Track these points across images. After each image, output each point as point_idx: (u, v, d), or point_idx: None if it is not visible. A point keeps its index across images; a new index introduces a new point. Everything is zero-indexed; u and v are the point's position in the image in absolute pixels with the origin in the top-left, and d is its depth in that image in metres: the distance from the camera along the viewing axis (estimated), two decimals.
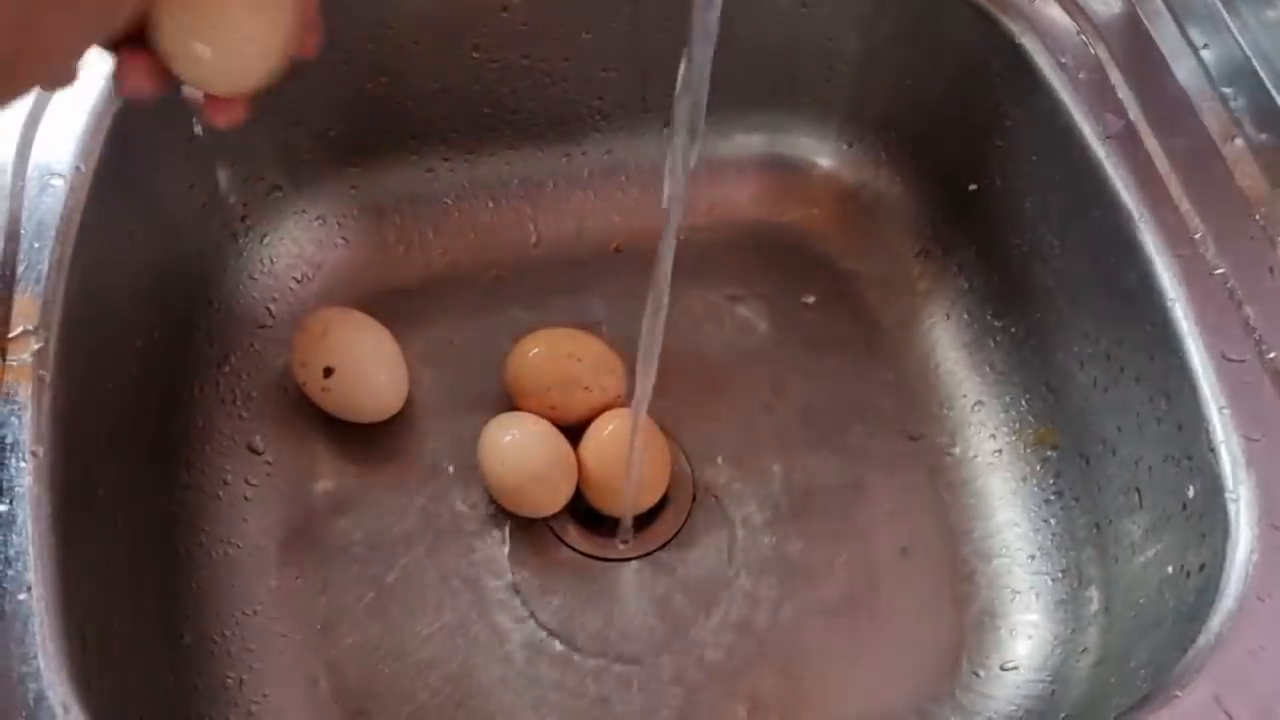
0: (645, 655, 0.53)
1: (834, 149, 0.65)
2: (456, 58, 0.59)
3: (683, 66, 0.36)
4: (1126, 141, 0.50)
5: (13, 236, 0.44)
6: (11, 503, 0.38)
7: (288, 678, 0.51)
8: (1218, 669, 0.38)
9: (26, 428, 0.39)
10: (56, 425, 0.40)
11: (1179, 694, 0.37)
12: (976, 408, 0.59)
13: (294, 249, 0.61)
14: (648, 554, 0.56)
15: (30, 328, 0.42)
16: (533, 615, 0.53)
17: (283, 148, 0.60)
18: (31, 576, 0.36)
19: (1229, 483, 0.42)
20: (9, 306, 0.42)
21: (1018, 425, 0.58)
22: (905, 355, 0.62)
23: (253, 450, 0.56)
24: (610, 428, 0.56)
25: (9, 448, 0.39)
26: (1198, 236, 0.47)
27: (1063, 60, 0.53)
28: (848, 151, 0.65)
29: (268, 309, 0.60)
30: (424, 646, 0.52)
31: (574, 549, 0.55)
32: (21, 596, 0.36)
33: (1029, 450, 0.57)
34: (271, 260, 0.61)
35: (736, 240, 0.66)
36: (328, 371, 0.55)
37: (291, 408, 0.58)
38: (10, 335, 0.42)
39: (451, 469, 0.57)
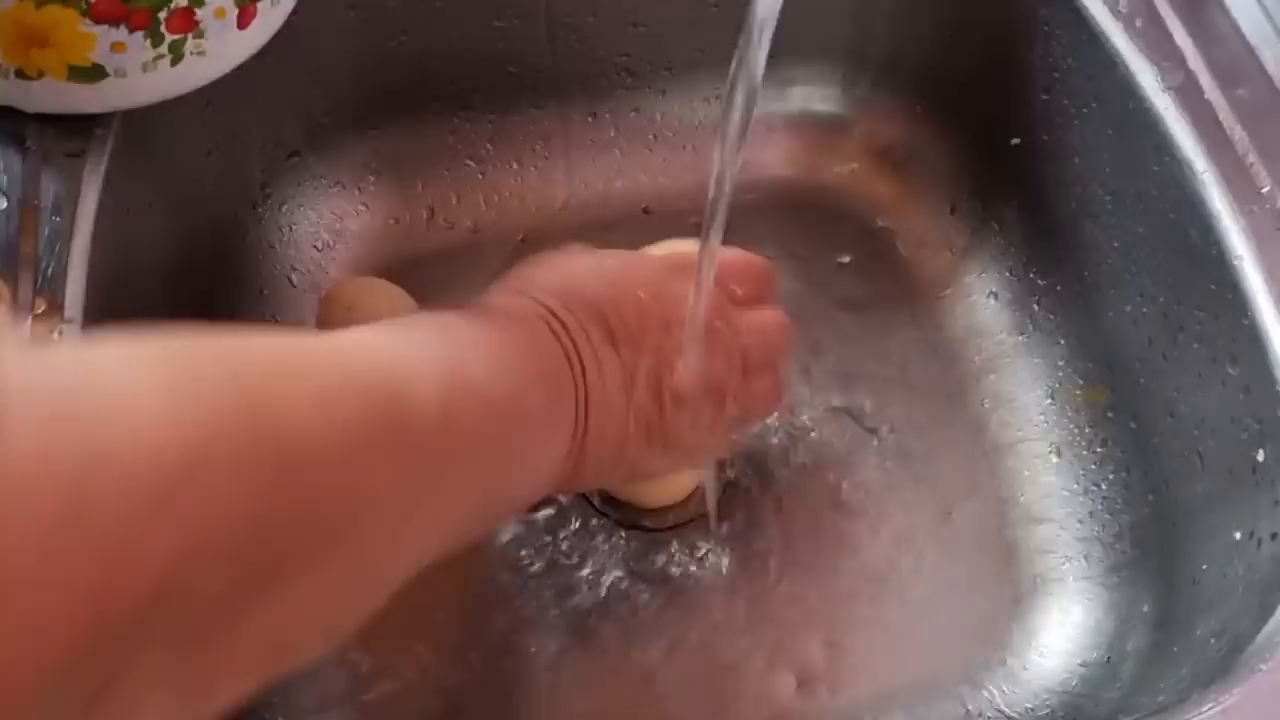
0: (690, 628, 0.52)
1: (869, 104, 0.64)
2: (480, 15, 0.58)
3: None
4: (1187, 92, 0.48)
5: (30, 212, 0.43)
6: None
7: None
8: None
9: None
10: None
11: (1263, 668, 0.36)
12: (1019, 368, 0.58)
13: (313, 216, 0.60)
14: (686, 524, 0.55)
15: (55, 308, 0.40)
16: (570, 589, 0.52)
17: (300, 111, 0.58)
18: None
19: None
20: (32, 286, 0.41)
21: (1064, 386, 0.56)
22: (944, 315, 0.61)
23: None
24: None
25: None
26: (1265, 190, 0.46)
27: (1117, 8, 0.51)
28: (883, 107, 0.63)
29: (289, 278, 0.59)
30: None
31: (610, 518, 0.54)
32: None
33: (1077, 412, 0.55)
34: (290, 228, 0.59)
35: (769, 200, 0.64)
36: None
37: None
38: (35, 315, 0.40)
39: None
